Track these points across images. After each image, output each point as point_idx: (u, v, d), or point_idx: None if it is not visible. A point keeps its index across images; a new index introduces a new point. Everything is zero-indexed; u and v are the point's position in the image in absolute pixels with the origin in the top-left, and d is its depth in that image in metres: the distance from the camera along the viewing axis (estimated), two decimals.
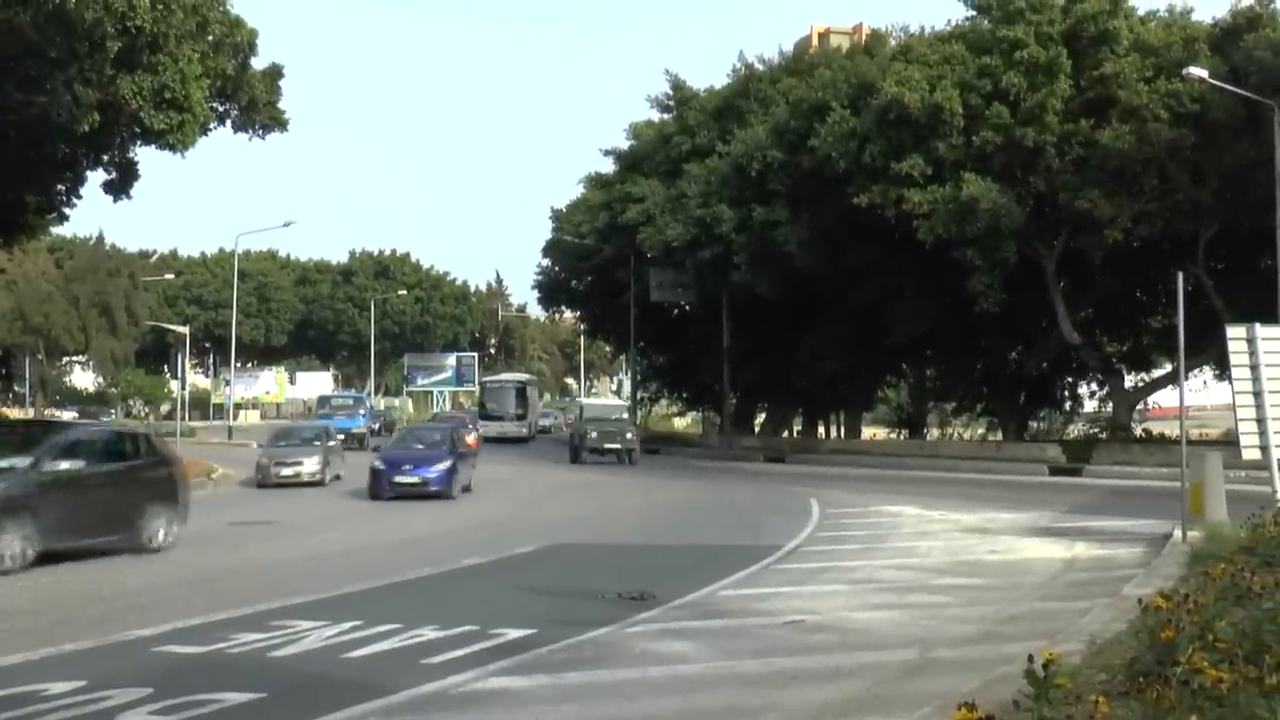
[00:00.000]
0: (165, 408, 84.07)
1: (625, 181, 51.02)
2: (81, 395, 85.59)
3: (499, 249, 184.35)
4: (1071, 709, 5.37)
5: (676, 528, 21.85)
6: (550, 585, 14.09)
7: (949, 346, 44.79)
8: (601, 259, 53.42)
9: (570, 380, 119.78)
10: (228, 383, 73.43)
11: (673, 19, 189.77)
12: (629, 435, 42.19)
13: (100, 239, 75.14)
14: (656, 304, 53.81)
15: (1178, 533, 16.11)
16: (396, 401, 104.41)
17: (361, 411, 53.00)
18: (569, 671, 9.25)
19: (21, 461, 15.13)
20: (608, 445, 41.25)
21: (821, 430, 59.33)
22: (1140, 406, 48.34)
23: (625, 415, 44.71)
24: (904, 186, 35.99)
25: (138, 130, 28.69)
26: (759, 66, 49.47)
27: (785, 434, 58.25)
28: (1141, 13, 38.36)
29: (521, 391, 63.40)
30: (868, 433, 59.75)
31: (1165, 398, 48.41)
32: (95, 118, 26.42)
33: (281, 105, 33.02)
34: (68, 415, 78.27)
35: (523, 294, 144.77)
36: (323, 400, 58.02)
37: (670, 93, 52.31)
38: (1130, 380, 45.76)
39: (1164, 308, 41.41)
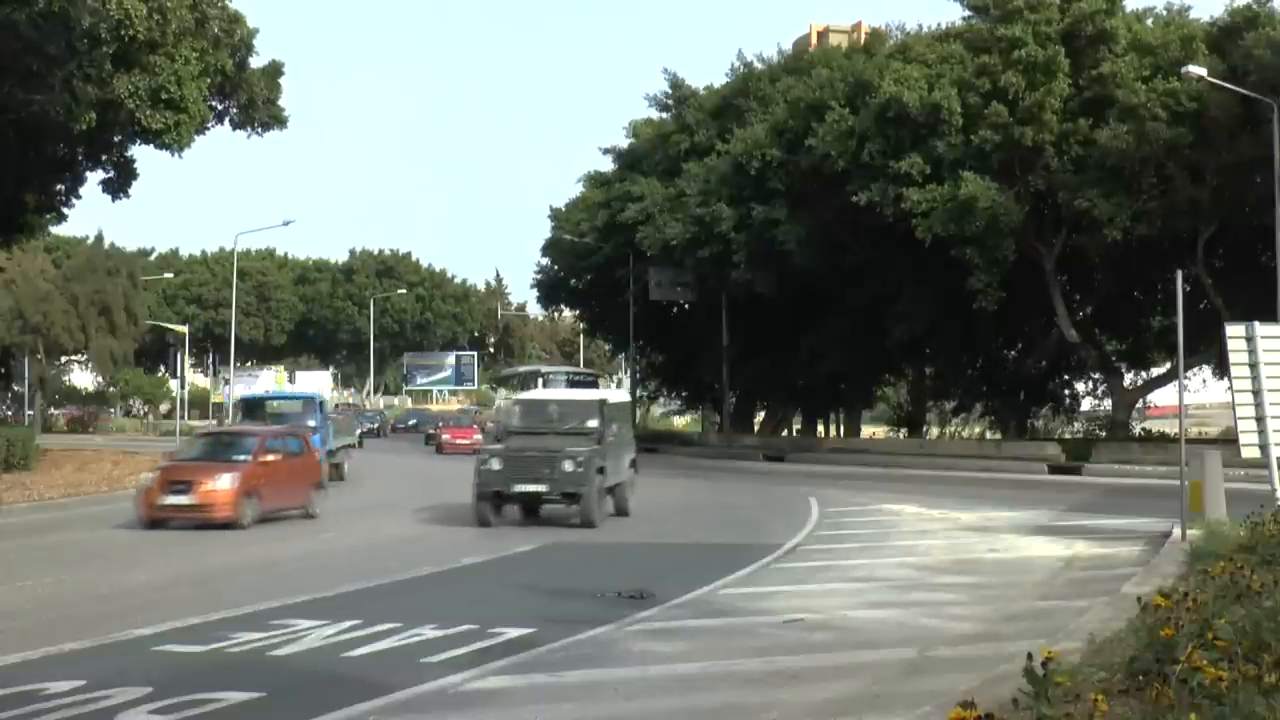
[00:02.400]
0: (164, 407, 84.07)
1: (624, 180, 50.96)
2: (80, 395, 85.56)
3: (498, 248, 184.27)
4: (1071, 707, 5.38)
5: (676, 526, 21.85)
6: (549, 584, 14.10)
7: (948, 345, 44.79)
8: (601, 258, 53.35)
9: None
10: (227, 382, 73.30)
11: (672, 17, 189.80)
12: (572, 464, 20.40)
13: (99, 238, 75.15)
14: (656, 302, 53.75)
15: (1177, 531, 16.12)
16: (395, 400, 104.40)
17: (311, 422, 29.44)
18: (568, 670, 9.26)
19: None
20: (521, 487, 20.64)
21: (821, 429, 59.30)
22: (1139, 405, 48.35)
23: (594, 422, 21.65)
24: (903, 185, 36.02)
25: (135, 130, 28.76)
26: (758, 65, 49.46)
27: (784, 433, 58.24)
28: (1138, 8, 38.51)
29: (590, 386, 52.25)
30: (867, 431, 59.71)
31: (1164, 396, 48.47)
32: (92, 117, 26.46)
33: (281, 103, 33.07)
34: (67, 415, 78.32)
35: (522, 293, 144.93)
36: (250, 405, 33.73)
37: (669, 91, 52.27)
38: (1129, 379, 45.78)
39: (1163, 306, 41.43)
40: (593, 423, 21.76)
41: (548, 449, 20.84)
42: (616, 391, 32.54)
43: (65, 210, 36.24)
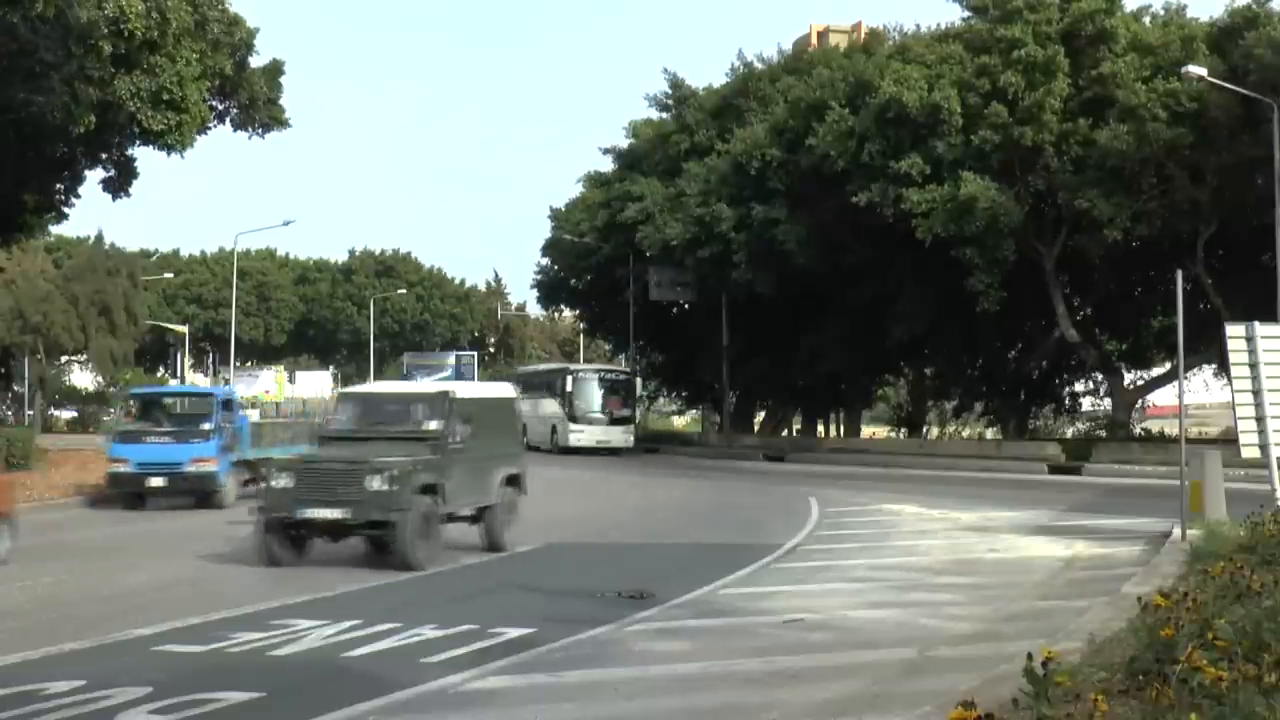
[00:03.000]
0: None
1: (624, 180, 50.99)
2: (81, 395, 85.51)
3: (498, 248, 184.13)
4: (1071, 707, 5.38)
5: (676, 526, 21.85)
6: (549, 584, 14.10)
7: (948, 345, 44.81)
8: (600, 258, 53.38)
9: None
10: (227, 382, 73.36)
11: (672, 17, 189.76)
12: (380, 480, 15.09)
13: (99, 238, 75.14)
14: (656, 302, 53.77)
15: (1177, 531, 16.12)
16: None
17: (207, 426, 24.55)
18: (568, 670, 9.26)
19: None
20: (312, 512, 15.33)
21: (821, 429, 59.35)
22: (1139, 405, 48.36)
23: (435, 424, 16.46)
24: (903, 185, 36.02)
25: (135, 130, 28.76)
26: (758, 65, 49.50)
27: (784, 433, 58.26)
28: (1135, 8, 38.47)
29: (625, 386, 51.32)
30: (867, 431, 59.75)
31: (1164, 396, 48.51)
32: (92, 119, 26.46)
33: (282, 103, 33.05)
34: (67, 415, 78.36)
35: (521, 293, 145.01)
36: (145, 401, 27.74)
37: (669, 91, 52.28)
38: (1129, 379, 45.80)
39: (1163, 306, 41.43)
40: (434, 424, 16.43)
41: (354, 459, 15.49)
42: (484, 384, 26.66)
43: (65, 210, 36.24)
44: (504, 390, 21.35)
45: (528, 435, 52.24)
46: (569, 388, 48.74)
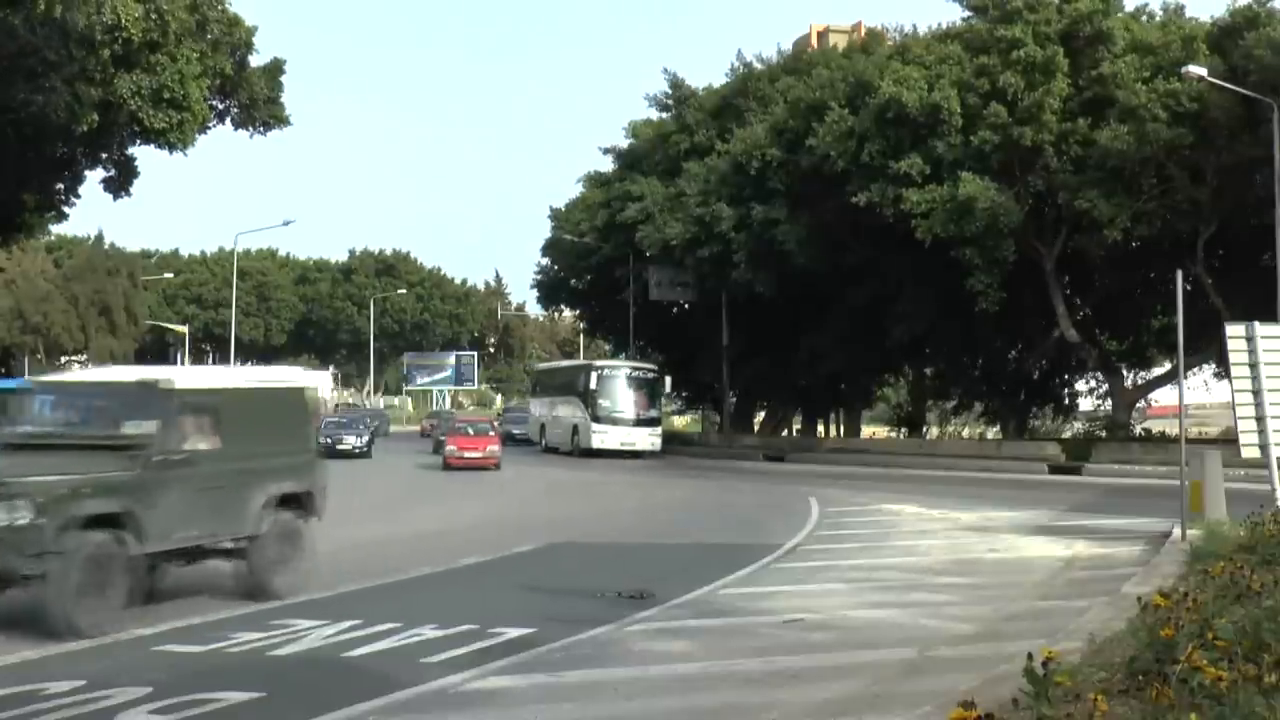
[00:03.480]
0: None
1: (624, 180, 50.99)
2: None
3: (497, 248, 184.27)
4: (1071, 707, 5.37)
5: (676, 526, 21.85)
6: (550, 584, 14.09)
7: (948, 345, 44.82)
8: (600, 258, 53.38)
9: None
10: None
11: (672, 17, 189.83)
12: (13, 512, 10.45)
13: (99, 238, 75.25)
14: (656, 302, 53.77)
15: (1177, 531, 16.12)
16: (396, 400, 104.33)
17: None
18: (568, 670, 9.26)
19: None
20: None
21: (821, 429, 59.36)
22: (1139, 405, 48.37)
23: (146, 427, 11.82)
24: (902, 186, 36.02)
25: (137, 129, 28.81)
26: (758, 65, 49.53)
27: (784, 433, 58.26)
28: (1132, 8, 38.45)
29: (652, 384, 48.16)
30: (867, 431, 59.76)
31: (1165, 396, 48.51)
32: (94, 118, 26.50)
33: (283, 100, 33.07)
34: None
35: (521, 293, 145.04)
36: None
37: (669, 91, 52.28)
38: (1129, 379, 45.81)
39: (1163, 306, 41.41)
40: (145, 427, 11.90)
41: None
42: (250, 370, 20.29)
43: (65, 210, 36.29)
44: (284, 378, 15.95)
45: (545, 437, 51.76)
46: (593, 385, 46.38)
